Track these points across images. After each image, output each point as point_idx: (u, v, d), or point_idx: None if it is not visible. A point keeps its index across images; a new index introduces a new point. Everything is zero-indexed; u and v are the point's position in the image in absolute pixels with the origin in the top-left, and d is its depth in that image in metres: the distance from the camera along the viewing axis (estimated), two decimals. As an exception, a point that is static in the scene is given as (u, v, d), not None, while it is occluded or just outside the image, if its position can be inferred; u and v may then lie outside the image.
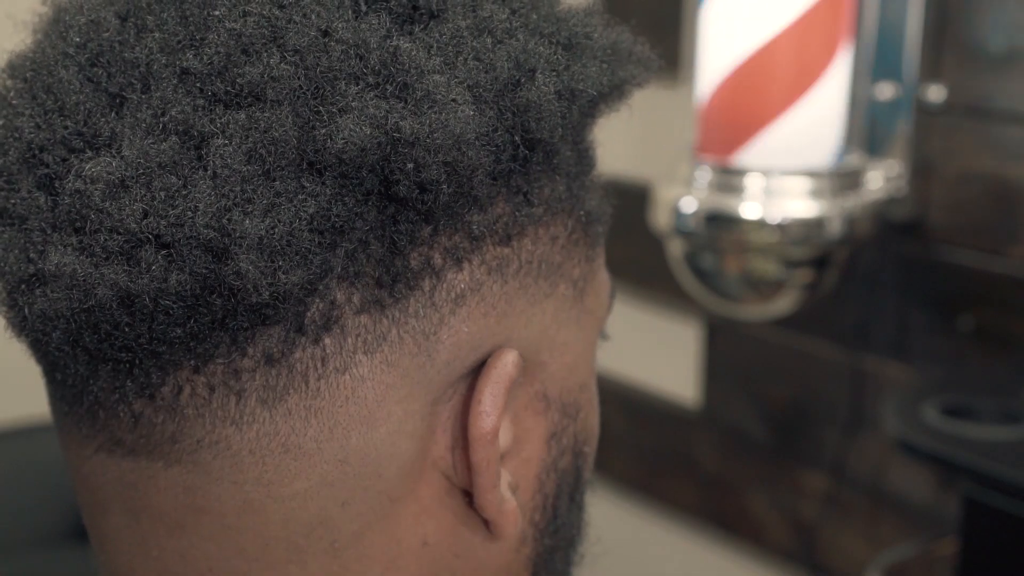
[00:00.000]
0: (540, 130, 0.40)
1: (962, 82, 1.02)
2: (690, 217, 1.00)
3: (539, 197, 0.42)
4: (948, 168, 1.05)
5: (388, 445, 0.40)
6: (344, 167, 0.37)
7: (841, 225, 0.99)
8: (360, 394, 0.40)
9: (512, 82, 0.39)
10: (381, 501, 0.41)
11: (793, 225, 0.99)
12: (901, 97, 1.05)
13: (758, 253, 1.01)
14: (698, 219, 1.00)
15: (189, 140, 0.37)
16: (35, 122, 0.39)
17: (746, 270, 1.02)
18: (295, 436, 0.39)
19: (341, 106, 0.37)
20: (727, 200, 0.99)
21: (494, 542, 0.44)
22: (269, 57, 0.38)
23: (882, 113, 1.06)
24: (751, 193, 0.98)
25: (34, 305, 0.38)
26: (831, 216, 0.99)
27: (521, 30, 0.41)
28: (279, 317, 0.38)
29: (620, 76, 0.44)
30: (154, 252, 0.36)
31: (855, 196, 1.01)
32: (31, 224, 0.38)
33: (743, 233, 0.99)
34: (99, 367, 0.39)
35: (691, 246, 1.03)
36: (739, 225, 0.99)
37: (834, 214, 0.99)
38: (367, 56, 0.38)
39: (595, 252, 0.46)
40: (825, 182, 0.99)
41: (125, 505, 0.42)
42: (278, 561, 0.41)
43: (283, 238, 0.36)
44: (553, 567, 0.46)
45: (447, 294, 0.40)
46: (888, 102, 1.05)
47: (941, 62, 1.03)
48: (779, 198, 0.98)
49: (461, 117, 0.38)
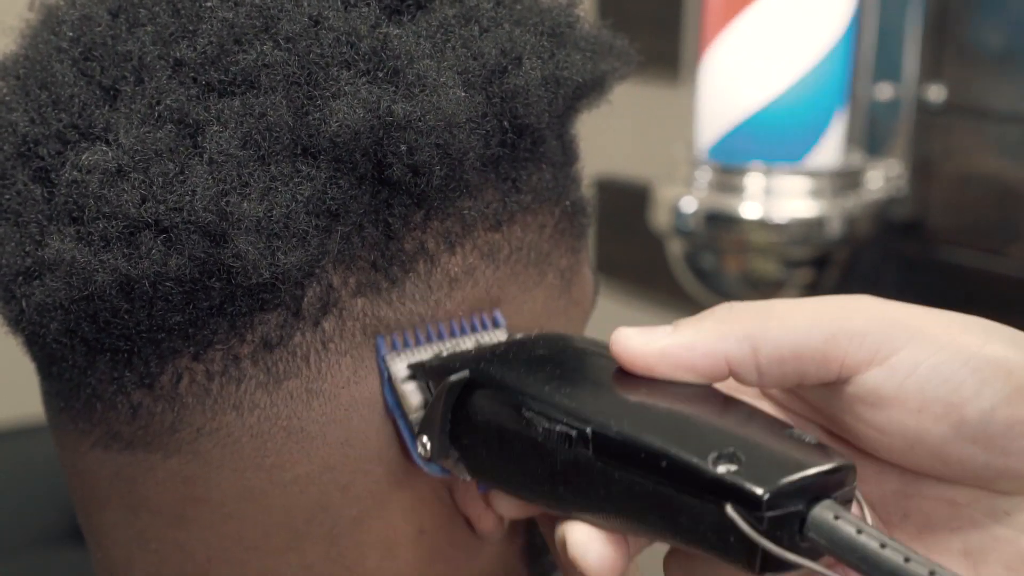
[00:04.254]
0: (527, 115, 0.41)
1: (962, 82, 1.02)
2: (690, 217, 1.00)
3: (527, 185, 0.43)
4: (948, 168, 1.05)
5: (389, 428, 0.41)
6: (338, 151, 0.38)
7: (841, 225, 0.99)
8: (361, 376, 0.40)
9: (499, 68, 0.40)
10: (380, 486, 0.41)
11: (793, 225, 0.99)
12: (901, 97, 1.05)
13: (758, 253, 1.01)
14: (698, 219, 1.00)
15: (184, 128, 0.38)
16: (29, 116, 0.39)
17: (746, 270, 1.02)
18: (297, 419, 0.40)
19: (334, 91, 0.38)
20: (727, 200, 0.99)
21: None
22: (262, 45, 0.38)
23: (882, 113, 1.06)
24: (751, 193, 0.98)
25: (32, 297, 0.38)
26: (831, 216, 0.99)
27: (506, 19, 0.42)
28: (277, 302, 0.39)
29: (602, 68, 0.45)
30: (153, 237, 0.37)
31: (855, 196, 1.01)
32: (27, 217, 0.38)
33: (743, 233, 0.99)
34: (97, 358, 0.40)
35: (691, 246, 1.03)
36: (739, 225, 0.99)
37: (834, 214, 0.99)
38: (358, 43, 0.38)
39: (580, 244, 0.47)
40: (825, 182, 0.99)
41: (123, 500, 0.42)
42: (277, 549, 0.41)
43: (280, 220, 0.37)
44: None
45: (442, 277, 0.41)
46: (888, 102, 1.05)
47: (941, 62, 1.03)
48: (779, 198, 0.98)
49: (452, 99, 0.38)
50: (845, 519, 0.33)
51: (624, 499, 0.35)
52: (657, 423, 0.36)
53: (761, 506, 0.32)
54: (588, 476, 0.36)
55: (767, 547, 0.32)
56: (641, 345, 0.37)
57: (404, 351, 0.40)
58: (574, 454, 0.36)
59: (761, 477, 0.33)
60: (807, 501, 0.33)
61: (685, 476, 0.34)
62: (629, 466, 0.35)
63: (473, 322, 0.42)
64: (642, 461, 0.35)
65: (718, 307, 0.38)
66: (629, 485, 0.35)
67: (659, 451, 0.34)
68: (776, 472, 0.33)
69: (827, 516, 0.33)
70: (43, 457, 1.29)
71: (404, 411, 0.40)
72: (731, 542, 0.33)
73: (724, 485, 0.33)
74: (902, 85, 1.05)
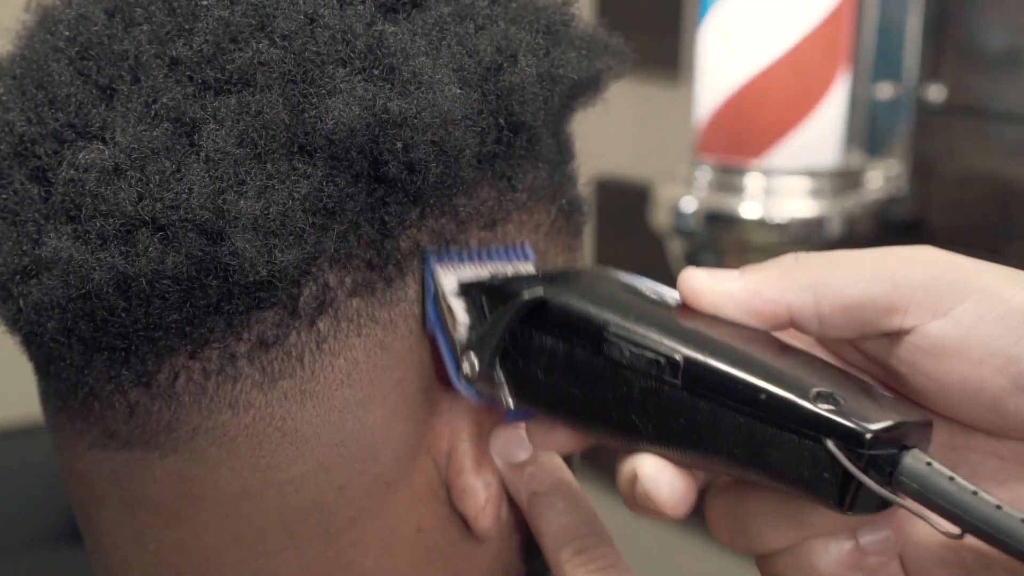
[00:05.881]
0: (523, 113, 0.41)
1: (962, 82, 1.02)
2: (690, 217, 1.00)
3: (522, 183, 0.43)
4: (948, 168, 1.04)
5: (384, 428, 0.41)
6: (334, 148, 0.38)
7: (841, 225, 0.99)
8: (355, 377, 0.40)
9: (495, 66, 0.40)
10: (377, 485, 0.41)
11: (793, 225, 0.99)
12: (901, 97, 1.05)
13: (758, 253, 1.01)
14: (698, 219, 1.00)
15: (181, 126, 0.38)
16: (26, 116, 0.39)
17: (746, 270, 1.02)
18: (291, 420, 0.39)
19: (330, 89, 0.38)
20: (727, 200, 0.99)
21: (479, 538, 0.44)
22: (258, 43, 0.38)
23: (882, 113, 1.06)
24: (751, 193, 0.98)
25: (29, 295, 0.38)
26: (831, 216, 0.99)
27: (502, 17, 0.42)
28: (273, 300, 0.39)
29: (597, 66, 0.45)
30: (150, 235, 0.37)
31: (855, 196, 1.01)
32: (24, 216, 0.38)
33: (743, 233, 0.99)
34: (94, 356, 0.40)
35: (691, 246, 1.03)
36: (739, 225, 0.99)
37: (834, 214, 0.99)
38: (353, 41, 0.38)
39: (576, 242, 0.47)
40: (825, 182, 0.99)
41: (120, 499, 0.42)
42: (274, 548, 0.41)
43: (277, 218, 0.37)
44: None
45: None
46: (888, 102, 1.05)
47: (941, 62, 1.03)
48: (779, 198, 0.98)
49: (448, 96, 0.38)
50: (936, 466, 0.34)
51: (707, 431, 0.36)
52: (748, 359, 0.36)
53: (864, 444, 0.34)
54: (670, 405, 0.37)
55: (868, 483, 0.34)
56: (709, 284, 0.39)
57: (450, 267, 0.40)
58: (658, 382, 0.37)
59: (861, 418, 0.34)
60: (899, 448, 0.35)
61: (785, 411, 0.35)
62: (721, 397, 0.36)
63: (508, 253, 0.42)
64: (737, 394, 0.35)
65: (784, 256, 0.39)
66: (716, 416, 0.36)
67: (757, 386, 0.35)
68: (873, 415, 0.35)
69: (920, 462, 0.34)
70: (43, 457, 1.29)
71: (447, 328, 0.40)
72: (824, 478, 0.34)
73: (826, 422, 0.34)
74: (902, 85, 1.05)
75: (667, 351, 0.37)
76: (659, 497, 0.37)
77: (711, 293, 0.38)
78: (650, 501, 0.37)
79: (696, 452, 0.37)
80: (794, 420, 0.35)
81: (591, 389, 0.38)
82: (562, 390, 0.39)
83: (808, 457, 0.34)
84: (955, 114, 1.03)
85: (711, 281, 0.39)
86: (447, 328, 0.40)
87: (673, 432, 0.37)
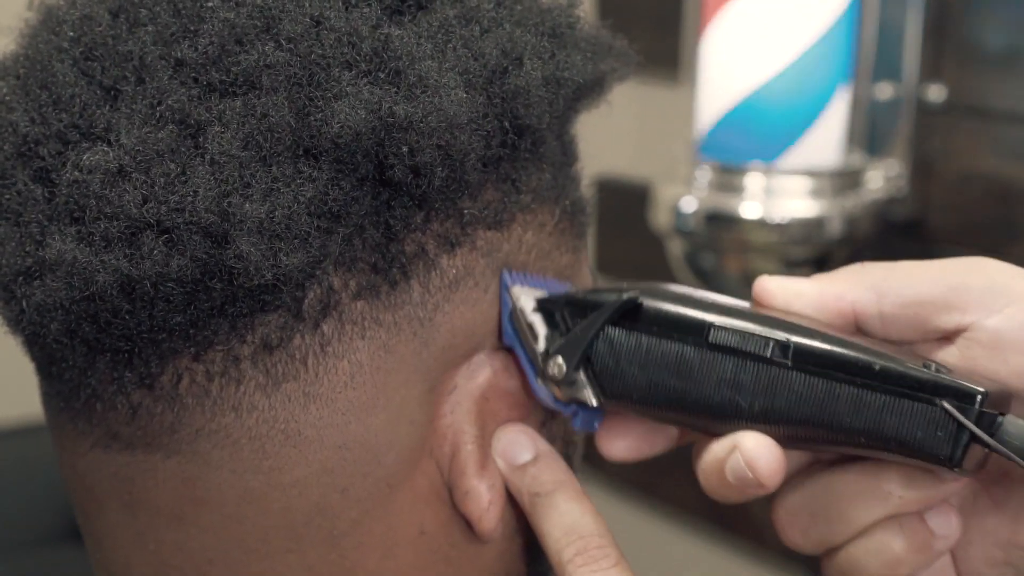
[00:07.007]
0: (528, 116, 0.41)
1: (962, 82, 1.02)
2: (690, 217, 1.00)
3: (527, 185, 0.43)
4: (948, 168, 1.04)
5: (387, 431, 0.41)
6: (340, 152, 0.38)
7: (841, 225, 0.99)
8: (359, 380, 0.40)
9: (500, 69, 0.40)
10: (380, 488, 0.41)
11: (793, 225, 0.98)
12: (901, 97, 1.05)
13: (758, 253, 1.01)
14: (698, 219, 1.00)
15: (186, 128, 0.38)
16: (30, 116, 0.39)
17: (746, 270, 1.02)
18: (294, 423, 0.40)
19: (335, 92, 0.38)
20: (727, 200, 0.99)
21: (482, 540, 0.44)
22: (263, 45, 0.38)
23: (882, 113, 1.06)
24: (751, 193, 0.98)
25: (32, 297, 0.38)
26: (831, 216, 0.99)
27: (507, 20, 0.42)
28: (278, 303, 0.39)
29: (602, 68, 0.45)
30: (155, 237, 0.37)
31: (855, 196, 1.01)
32: (27, 217, 0.38)
33: (743, 233, 0.99)
34: (97, 358, 0.40)
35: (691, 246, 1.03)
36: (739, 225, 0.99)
37: (834, 214, 0.99)
38: (359, 44, 0.38)
39: (580, 243, 0.47)
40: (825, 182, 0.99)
41: (122, 500, 0.42)
42: (277, 550, 0.41)
43: (282, 221, 0.37)
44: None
45: (441, 280, 0.41)
46: (888, 102, 1.05)
47: (941, 62, 1.03)
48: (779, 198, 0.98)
49: (454, 100, 0.38)
50: None
51: (815, 404, 0.39)
52: (843, 338, 0.40)
53: (976, 402, 0.38)
54: (778, 384, 0.40)
55: (981, 436, 0.38)
56: (782, 283, 0.43)
57: (522, 287, 0.43)
58: (767, 364, 0.40)
59: (969, 381, 0.38)
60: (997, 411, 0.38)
61: (899, 378, 0.39)
62: (833, 372, 0.39)
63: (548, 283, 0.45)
64: (851, 367, 0.39)
65: (851, 265, 0.44)
66: (829, 391, 0.39)
67: (868, 359, 0.39)
68: (975, 380, 0.38)
69: (1020, 421, 0.38)
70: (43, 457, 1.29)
71: (525, 341, 0.43)
72: (937, 436, 0.38)
73: (941, 385, 0.38)
74: (902, 85, 1.05)
75: (774, 336, 0.40)
76: (759, 465, 0.40)
77: (783, 291, 0.42)
78: (751, 470, 0.40)
79: (803, 426, 0.40)
80: (908, 385, 0.38)
81: (691, 378, 0.41)
82: (659, 382, 0.42)
83: (922, 418, 0.38)
84: (955, 114, 1.03)
85: (783, 282, 0.43)
86: (526, 340, 0.43)
87: (778, 409, 0.40)
